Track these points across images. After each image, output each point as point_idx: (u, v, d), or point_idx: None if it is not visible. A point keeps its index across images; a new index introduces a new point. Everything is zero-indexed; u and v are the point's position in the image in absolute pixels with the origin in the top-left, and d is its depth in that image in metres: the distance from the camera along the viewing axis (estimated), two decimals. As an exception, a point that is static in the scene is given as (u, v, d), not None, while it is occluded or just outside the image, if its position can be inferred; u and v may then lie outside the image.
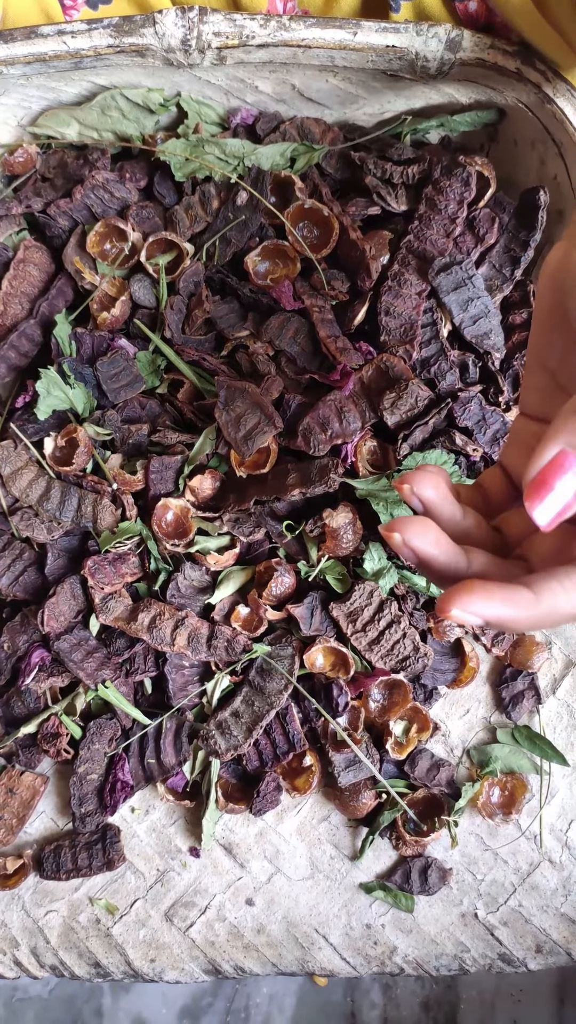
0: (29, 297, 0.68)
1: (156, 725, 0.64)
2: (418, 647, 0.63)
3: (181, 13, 0.60)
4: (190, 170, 0.67)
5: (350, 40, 0.61)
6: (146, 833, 0.66)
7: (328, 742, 0.63)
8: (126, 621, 0.62)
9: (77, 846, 0.64)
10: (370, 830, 0.64)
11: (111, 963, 0.64)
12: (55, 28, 0.61)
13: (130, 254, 0.67)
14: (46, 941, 0.64)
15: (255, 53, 0.62)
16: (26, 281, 0.68)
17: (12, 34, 0.61)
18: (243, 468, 0.63)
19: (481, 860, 0.65)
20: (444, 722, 0.66)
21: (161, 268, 0.67)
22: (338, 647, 0.63)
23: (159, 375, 0.66)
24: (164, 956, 0.64)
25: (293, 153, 0.68)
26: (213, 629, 0.63)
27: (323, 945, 0.64)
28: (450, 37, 0.60)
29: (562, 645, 0.67)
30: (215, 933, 0.64)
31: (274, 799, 0.63)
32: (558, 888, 0.64)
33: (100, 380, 0.65)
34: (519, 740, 0.65)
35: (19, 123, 0.70)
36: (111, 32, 0.61)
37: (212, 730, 0.63)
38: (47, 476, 0.64)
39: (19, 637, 0.64)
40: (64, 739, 0.63)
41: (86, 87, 0.67)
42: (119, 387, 0.65)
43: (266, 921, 0.65)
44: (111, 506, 0.63)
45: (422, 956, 0.64)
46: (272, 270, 0.67)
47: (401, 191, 0.66)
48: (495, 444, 0.63)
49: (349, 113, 0.69)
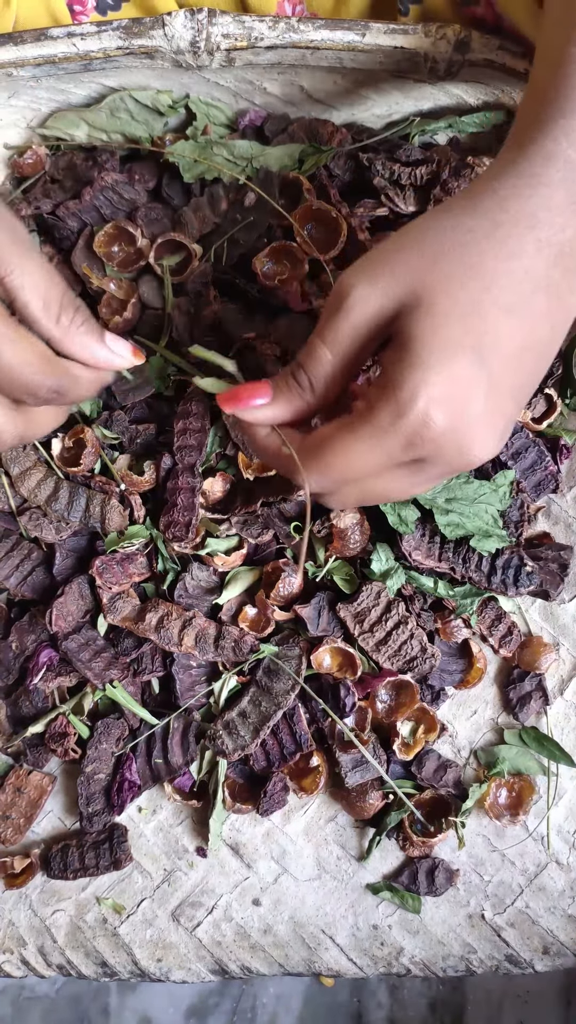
0: None
1: (163, 725, 0.64)
2: (425, 648, 0.63)
3: (190, 15, 0.61)
4: (199, 171, 0.67)
5: (359, 42, 0.61)
6: (153, 833, 0.66)
7: (335, 743, 0.63)
8: (134, 621, 0.63)
9: (84, 845, 0.64)
10: (377, 831, 0.64)
11: (118, 962, 0.64)
12: (65, 30, 0.61)
13: (138, 256, 0.67)
14: (53, 940, 0.65)
15: (264, 55, 0.62)
16: None
17: (22, 36, 0.62)
18: (251, 471, 0.63)
19: (488, 861, 0.65)
20: (451, 723, 0.66)
21: (166, 269, 0.67)
22: (345, 648, 0.63)
23: (166, 382, 0.67)
24: (171, 956, 0.64)
25: (301, 154, 0.68)
26: (220, 629, 0.63)
27: (330, 945, 0.64)
28: (459, 38, 0.60)
29: (570, 647, 0.67)
30: (222, 933, 0.65)
31: (281, 799, 0.64)
32: (565, 889, 0.64)
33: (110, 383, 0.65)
34: (526, 741, 0.65)
35: (28, 125, 0.70)
36: (120, 34, 0.61)
37: (219, 730, 0.63)
38: (55, 477, 0.65)
39: (27, 637, 0.64)
40: (72, 739, 0.63)
41: (95, 89, 0.68)
42: (128, 389, 0.65)
43: (273, 921, 0.65)
44: (119, 506, 0.63)
45: (429, 957, 0.64)
46: (280, 271, 0.67)
47: (409, 192, 0.66)
48: (502, 443, 0.63)
49: (357, 114, 0.69)
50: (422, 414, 0.41)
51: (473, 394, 0.42)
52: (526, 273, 0.42)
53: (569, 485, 0.68)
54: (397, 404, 0.41)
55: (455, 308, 0.42)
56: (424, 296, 0.42)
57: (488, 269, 0.42)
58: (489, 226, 0.43)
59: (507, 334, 0.42)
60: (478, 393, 0.42)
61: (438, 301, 0.42)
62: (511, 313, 0.42)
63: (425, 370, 0.41)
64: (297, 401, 0.47)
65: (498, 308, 0.42)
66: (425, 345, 0.41)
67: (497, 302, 0.42)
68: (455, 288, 0.42)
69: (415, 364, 0.41)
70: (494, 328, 0.42)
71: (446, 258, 0.42)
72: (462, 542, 0.62)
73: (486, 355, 0.42)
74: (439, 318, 0.41)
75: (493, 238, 0.42)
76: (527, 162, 0.43)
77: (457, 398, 0.41)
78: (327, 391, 0.46)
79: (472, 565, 0.62)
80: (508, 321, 0.42)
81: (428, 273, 0.42)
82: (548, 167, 0.43)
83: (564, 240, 0.43)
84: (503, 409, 0.43)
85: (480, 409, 0.42)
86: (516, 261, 0.42)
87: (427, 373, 0.41)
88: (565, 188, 0.43)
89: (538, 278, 0.43)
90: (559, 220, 0.43)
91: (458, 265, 0.42)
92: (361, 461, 0.43)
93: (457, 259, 0.42)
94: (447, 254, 0.42)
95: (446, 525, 0.61)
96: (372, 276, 0.43)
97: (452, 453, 0.43)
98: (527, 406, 0.65)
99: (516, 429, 0.64)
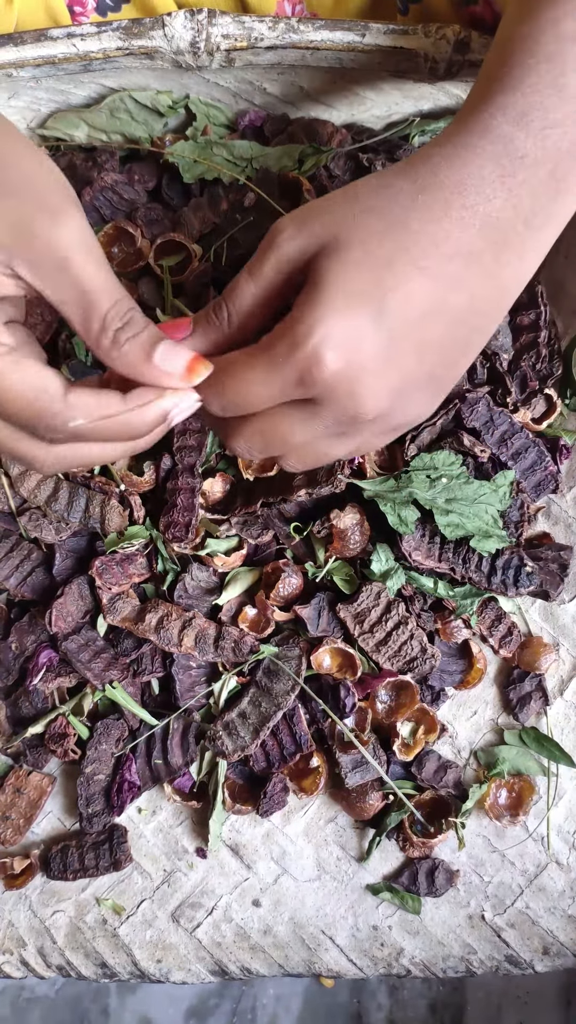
0: (51, 310, 0.67)
1: (163, 726, 0.64)
2: (425, 648, 0.63)
3: (190, 16, 0.61)
4: (198, 172, 0.67)
5: (359, 42, 0.61)
6: (153, 834, 0.66)
7: (335, 743, 0.63)
8: (133, 622, 0.63)
9: (84, 846, 0.64)
10: (377, 831, 0.64)
11: (117, 963, 0.64)
12: (65, 31, 0.61)
13: (137, 257, 0.67)
14: (53, 941, 0.65)
15: (264, 55, 0.62)
16: None
17: (22, 37, 0.62)
18: (250, 471, 0.63)
19: (488, 862, 0.65)
20: (451, 723, 0.66)
21: (166, 270, 0.67)
22: (345, 648, 0.63)
23: None
24: (170, 957, 0.64)
25: (301, 155, 0.68)
26: (220, 630, 0.63)
27: (330, 946, 0.64)
28: (458, 38, 0.61)
29: (570, 647, 0.66)
30: (222, 934, 0.65)
31: (281, 800, 0.64)
32: (565, 890, 0.64)
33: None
34: (527, 742, 0.65)
35: (28, 125, 0.70)
36: (120, 35, 0.61)
37: (219, 731, 0.63)
38: (55, 477, 0.65)
39: (27, 637, 0.64)
40: (71, 739, 0.63)
41: (95, 89, 0.68)
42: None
43: (273, 922, 0.65)
44: (119, 507, 0.63)
45: (429, 958, 0.64)
46: (280, 272, 0.67)
47: (409, 193, 0.66)
48: (503, 445, 0.63)
49: (357, 115, 0.69)
50: (314, 350, 0.42)
51: (368, 343, 0.42)
52: (447, 236, 0.43)
53: (569, 485, 0.68)
54: (293, 337, 0.42)
55: (368, 259, 0.42)
56: (343, 243, 0.43)
57: (410, 229, 0.43)
58: (416, 189, 0.44)
59: (417, 292, 0.43)
60: (374, 343, 0.42)
61: (354, 249, 0.43)
62: (423, 273, 0.43)
63: (326, 309, 0.42)
64: (214, 333, 0.47)
65: (412, 267, 0.43)
66: (331, 287, 0.42)
67: (412, 261, 0.43)
68: (373, 242, 0.43)
69: (317, 302, 0.42)
70: (404, 284, 0.42)
71: (372, 214, 0.43)
72: (462, 542, 0.62)
73: (390, 308, 0.42)
74: (351, 265, 0.42)
75: (418, 200, 0.43)
76: (465, 133, 0.44)
77: (351, 343, 0.42)
78: (245, 323, 0.47)
79: (472, 565, 0.62)
80: (419, 280, 0.43)
81: (351, 224, 0.43)
82: (483, 139, 0.44)
83: (491, 211, 0.43)
84: (401, 365, 0.44)
85: (373, 359, 0.43)
86: (437, 224, 0.43)
87: (327, 313, 0.42)
88: (495, 160, 0.43)
89: (460, 244, 0.43)
90: (487, 190, 0.43)
91: (380, 221, 0.43)
92: (254, 389, 0.44)
93: (381, 215, 0.43)
94: (373, 210, 0.44)
95: (446, 525, 0.61)
96: (302, 221, 0.44)
97: (342, 396, 0.43)
98: (527, 406, 0.65)
99: (516, 429, 0.64)
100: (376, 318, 0.42)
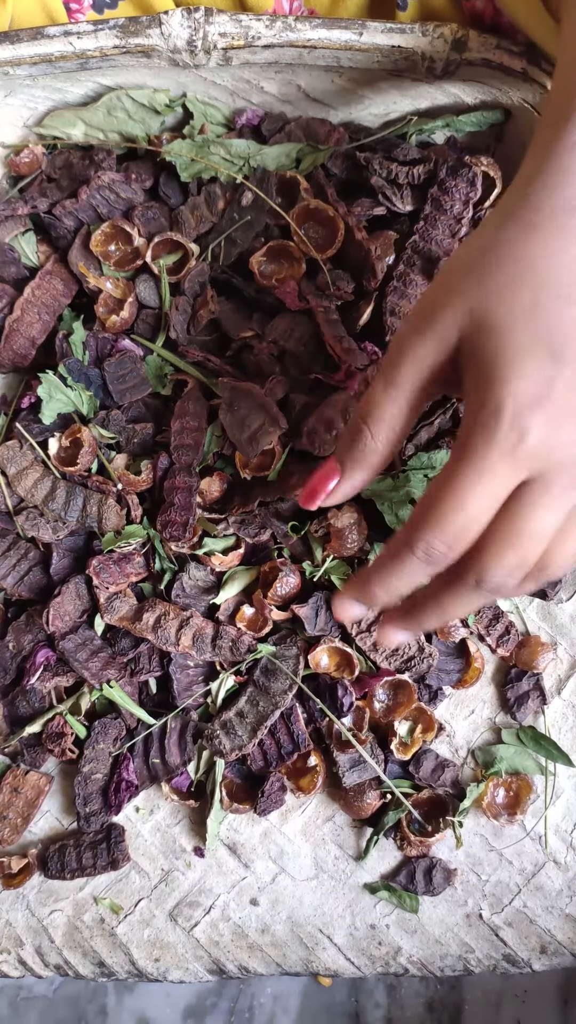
0: (49, 309, 0.68)
1: (161, 725, 0.64)
2: (423, 647, 0.63)
3: (187, 14, 0.61)
4: (196, 171, 0.67)
5: (356, 41, 0.61)
6: (150, 833, 0.66)
7: (333, 742, 0.63)
8: (131, 621, 0.63)
9: (82, 845, 0.64)
10: (375, 830, 0.64)
11: (115, 962, 0.64)
12: (61, 29, 0.61)
13: (135, 255, 0.67)
14: (50, 940, 0.64)
15: (261, 54, 0.62)
16: (49, 293, 0.67)
17: (18, 35, 0.62)
18: (248, 470, 0.63)
19: (486, 861, 0.65)
20: (449, 722, 0.66)
21: (163, 268, 0.67)
22: (343, 647, 0.63)
23: (163, 381, 0.66)
24: (168, 956, 0.64)
25: (298, 153, 0.68)
26: (218, 629, 0.63)
27: (327, 945, 0.64)
28: (456, 37, 0.60)
29: (568, 646, 0.66)
30: (219, 933, 0.64)
31: (278, 799, 0.64)
32: (563, 889, 0.64)
33: (107, 381, 0.65)
34: (524, 741, 0.65)
35: (25, 124, 0.70)
36: (117, 33, 0.61)
37: (217, 730, 0.63)
38: (52, 476, 0.65)
39: (24, 637, 0.64)
40: (69, 739, 0.63)
41: (92, 88, 0.67)
42: (125, 388, 0.65)
43: (270, 921, 0.65)
44: (116, 506, 0.63)
45: (426, 956, 0.64)
46: (277, 270, 0.67)
47: (407, 191, 0.66)
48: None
49: (355, 113, 0.69)
50: (513, 423, 0.39)
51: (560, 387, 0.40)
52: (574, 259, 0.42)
53: (566, 484, 0.68)
54: (485, 425, 0.40)
55: (513, 314, 0.41)
56: (481, 317, 0.41)
57: (537, 268, 0.41)
58: (525, 231, 0.42)
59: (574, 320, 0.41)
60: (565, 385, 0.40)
61: (496, 315, 0.41)
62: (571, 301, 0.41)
63: (503, 382, 0.40)
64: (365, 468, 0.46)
65: (559, 299, 0.41)
66: (495, 360, 0.40)
67: (555, 295, 0.41)
68: (508, 297, 0.41)
69: (491, 380, 0.40)
70: (559, 319, 0.41)
71: (491, 276, 0.42)
72: (460, 541, 0.62)
73: (559, 347, 0.40)
74: (501, 330, 0.41)
75: (532, 240, 0.42)
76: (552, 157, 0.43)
77: (545, 397, 0.40)
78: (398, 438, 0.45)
79: (470, 564, 0.62)
80: (571, 309, 0.41)
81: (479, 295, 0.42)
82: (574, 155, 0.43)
83: None
84: None
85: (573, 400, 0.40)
86: (563, 253, 0.42)
87: (505, 384, 0.40)
88: None
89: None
90: None
91: (505, 276, 0.42)
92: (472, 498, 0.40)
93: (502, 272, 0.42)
94: (491, 272, 0.42)
95: (444, 524, 0.61)
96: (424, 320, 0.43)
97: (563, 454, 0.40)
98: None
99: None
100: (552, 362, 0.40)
